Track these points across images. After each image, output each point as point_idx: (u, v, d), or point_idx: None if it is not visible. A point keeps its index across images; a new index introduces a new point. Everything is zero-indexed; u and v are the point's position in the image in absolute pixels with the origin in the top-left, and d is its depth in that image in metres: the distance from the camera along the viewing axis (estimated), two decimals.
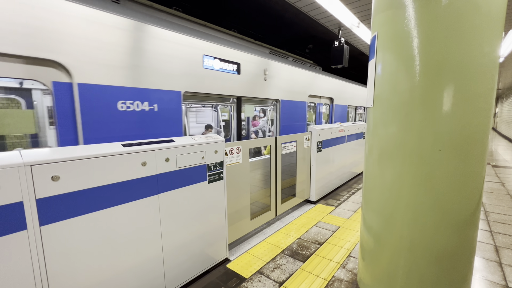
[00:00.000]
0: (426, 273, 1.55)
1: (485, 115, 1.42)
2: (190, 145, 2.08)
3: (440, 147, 1.43)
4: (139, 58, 2.30)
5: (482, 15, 1.34)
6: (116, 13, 2.13)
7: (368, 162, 1.82)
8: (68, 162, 1.42)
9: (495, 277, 2.18)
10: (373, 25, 1.74)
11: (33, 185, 1.31)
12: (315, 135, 4.07)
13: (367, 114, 1.87)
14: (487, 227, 3.13)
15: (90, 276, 1.56)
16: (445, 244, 1.50)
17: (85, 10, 1.93)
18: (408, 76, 1.49)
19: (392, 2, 1.53)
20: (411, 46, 1.47)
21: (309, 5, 3.79)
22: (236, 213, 2.85)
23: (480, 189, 1.52)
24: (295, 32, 6.76)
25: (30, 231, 1.31)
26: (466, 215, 1.49)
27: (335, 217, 3.49)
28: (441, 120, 1.42)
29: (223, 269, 2.34)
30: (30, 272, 1.32)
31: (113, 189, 1.62)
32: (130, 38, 2.22)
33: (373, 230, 1.78)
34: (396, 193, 1.60)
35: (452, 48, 1.37)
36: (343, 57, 4.90)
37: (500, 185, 4.85)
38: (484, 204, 3.88)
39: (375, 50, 1.69)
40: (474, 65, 1.37)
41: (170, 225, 1.98)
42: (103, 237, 1.60)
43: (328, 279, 2.17)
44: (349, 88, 7.04)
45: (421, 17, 1.42)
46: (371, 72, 1.77)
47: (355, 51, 7.35)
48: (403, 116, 1.53)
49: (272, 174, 3.41)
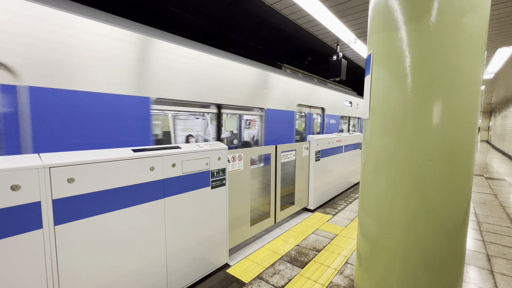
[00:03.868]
0: (419, 278, 1.64)
1: (471, 128, 1.55)
2: (195, 152, 2.17)
3: (430, 157, 1.54)
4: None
5: (465, 38, 1.49)
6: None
7: (365, 171, 1.93)
8: (83, 165, 1.51)
9: (487, 284, 2.26)
10: (368, 44, 1.89)
11: (51, 186, 1.39)
12: (314, 144, 4.18)
13: (364, 126, 1.99)
14: (480, 236, 3.23)
15: (97, 276, 1.61)
16: (436, 249, 1.59)
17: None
18: (401, 91, 1.63)
19: (386, 24, 1.68)
20: (403, 64, 1.61)
21: (309, 22, 4.00)
22: (236, 219, 2.91)
23: (468, 198, 1.63)
24: (294, 45, 7.01)
25: (46, 230, 1.39)
26: (455, 222, 1.59)
27: (332, 225, 3.56)
28: (430, 132, 1.54)
29: (223, 274, 2.39)
30: (43, 269, 1.39)
31: (123, 192, 1.70)
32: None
33: (369, 236, 1.86)
34: (391, 200, 1.71)
35: (440, 67, 1.51)
36: (341, 71, 5.11)
37: (493, 197, 4.97)
38: (477, 215, 3.98)
39: (371, 67, 1.83)
40: (459, 83, 1.51)
41: (174, 229, 2.05)
42: (111, 238, 1.67)
43: (326, 284, 2.23)
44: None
45: (412, 39, 1.57)
46: (367, 86, 1.91)
47: (352, 65, 7.61)
48: (397, 128, 1.65)
49: (271, 182, 3.49)
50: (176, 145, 2.20)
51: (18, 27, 1.67)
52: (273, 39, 6.44)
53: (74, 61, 1.97)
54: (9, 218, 1.26)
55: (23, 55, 1.70)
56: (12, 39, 1.65)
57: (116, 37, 2.23)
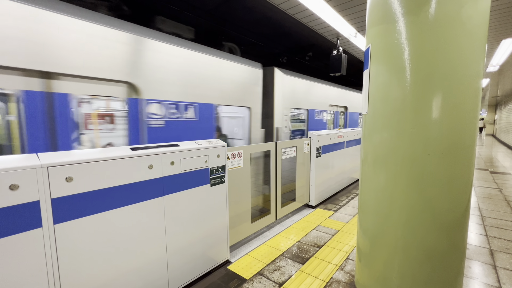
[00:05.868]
0: (419, 272, 1.63)
1: (471, 122, 1.52)
2: (194, 149, 2.17)
3: (430, 152, 1.52)
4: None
5: (465, 30, 1.46)
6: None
7: (364, 166, 1.91)
8: (81, 164, 1.52)
9: (489, 279, 2.24)
10: (367, 38, 1.86)
11: (49, 185, 1.40)
12: (315, 140, 4.16)
13: (362, 121, 1.97)
14: (483, 231, 3.20)
15: (97, 274, 1.63)
16: (435, 244, 1.57)
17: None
18: (399, 85, 1.60)
19: (384, 17, 1.65)
20: (402, 58, 1.58)
21: (308, 16, 3.95)
22: (237, 216, 2.92)
23: (468, 192, 1.61)
24: (294, 41, 6.95)
25: (45, 229, 1.40)
26: (455, 217, 1.57)
27: (334, 221, 3.56)
28: (430, 127, 1.52)
29: (225, 270, 2.41)
30: (43, 267, 1.40)
31: (121, 191, 1.71)
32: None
33: (369, 231, 1.86)
34: (390, 195, 1.69)
35: (439, 60, 1.48)
36: (341, 66, 5.05)
37: (497, 191, 4.91)
38: (481, 209, 3.94)
39: (369, 61, 1.80)
40: (459, 76, 1.48)
41: (174, 226, 2.06)
42: (111, 236, 1.68)
43: (327, 280, 2.23)
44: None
45: (411, 32, 1.54)
46: (365, 81, 1.88)
47: (353, 59, 7.52)
48: (396, 122, 1.63)
49: (272, 178, 3.49)
50: (174, 143, 2.20)
51: (143, 60, 2.52)
52: (273, 35, 6.39)
53: (171, 79, 2.75)
54: (8, 217, 1.28)
55: (143, 79, 2.49)
56: (138, 68, 2.45)
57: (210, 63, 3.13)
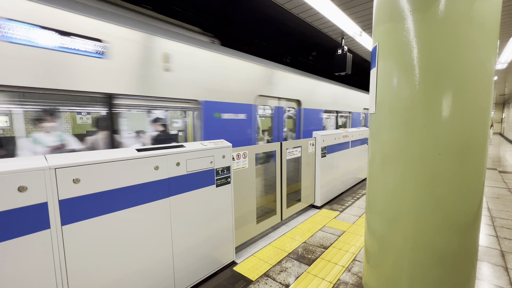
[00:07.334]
0: (429, 275, 1.59)
1: (483, 121, 1.48)
2: (199, 150, 2.17)
3: (440, 151, 1.49)
4: None
5: (476, 27, 1.42)
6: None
7: (372, 167, 1.88)
8: (88, 166, 1.52)
9: (501, 281, 2.19)
10: (374, 36, 1.83)
11: (57, 187, 1.41)
12: (319, 140, 4.13)
13: (369, 121, 1.94)
14: (493, 232, 3.13)
15: (104, 275, 1.64)
16: (446, 245, 1.54)
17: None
18: (408, 84, 1.57)
19: (392, 15, 1.62)
20: (410, 56, 1.55)
21: (313, 15, 3.93)
22: (242, 217, 2.91)
23: (480, 193, 1.57)
24: (298, 40, 6.92)
25: (53, 230, 1.41)
26: (467, 218, 1.53)
27: (340, 222, 3.52)
28: (440, 126, 1.48)
29: (230, 271, 2.40)
30: (52, 268, 1.41)
31: (128, 192, 1.71)
32: None
33: (377, 232, 1.82)
34: (399, 196, 1.66)
35: (449, 58, 1.45)
36: (346, 65, 5.00)
37: (507, 191, 4.81)
38: (491, 210, 3.86)
39: (376, 60, 1.77)
40: (470, 74, 1.44)
41: (180, 227, 2.06)
42: (118, 238, 1.69)
43: (334, 282, 2.21)
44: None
45: (419, 30, 1.51)
46: (373, 80, 1.85)
47: (358, 58, 7.46)
48: (404, 122, 1.60)
49: (277, 179, 3.47)
50: (180, 143, 2.20)
51: (303, 87, 4.08)
52: (277, 34, 6.36)
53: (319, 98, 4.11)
54: (17, 219, 1.28)
55: (303, 95, 4.00)
56: (301, 91, 3.95)
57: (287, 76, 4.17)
